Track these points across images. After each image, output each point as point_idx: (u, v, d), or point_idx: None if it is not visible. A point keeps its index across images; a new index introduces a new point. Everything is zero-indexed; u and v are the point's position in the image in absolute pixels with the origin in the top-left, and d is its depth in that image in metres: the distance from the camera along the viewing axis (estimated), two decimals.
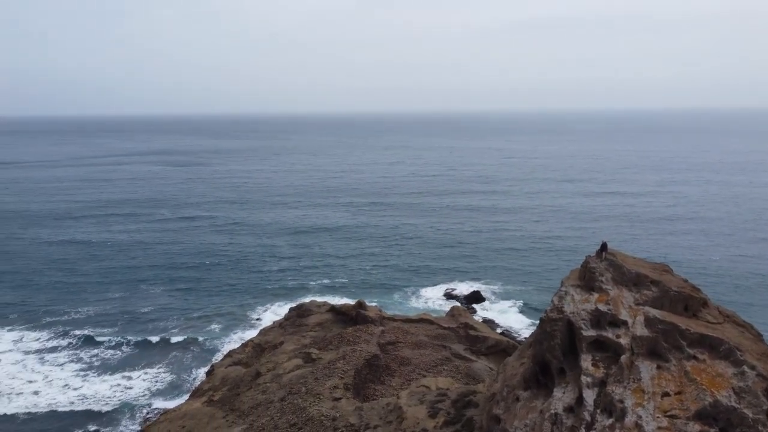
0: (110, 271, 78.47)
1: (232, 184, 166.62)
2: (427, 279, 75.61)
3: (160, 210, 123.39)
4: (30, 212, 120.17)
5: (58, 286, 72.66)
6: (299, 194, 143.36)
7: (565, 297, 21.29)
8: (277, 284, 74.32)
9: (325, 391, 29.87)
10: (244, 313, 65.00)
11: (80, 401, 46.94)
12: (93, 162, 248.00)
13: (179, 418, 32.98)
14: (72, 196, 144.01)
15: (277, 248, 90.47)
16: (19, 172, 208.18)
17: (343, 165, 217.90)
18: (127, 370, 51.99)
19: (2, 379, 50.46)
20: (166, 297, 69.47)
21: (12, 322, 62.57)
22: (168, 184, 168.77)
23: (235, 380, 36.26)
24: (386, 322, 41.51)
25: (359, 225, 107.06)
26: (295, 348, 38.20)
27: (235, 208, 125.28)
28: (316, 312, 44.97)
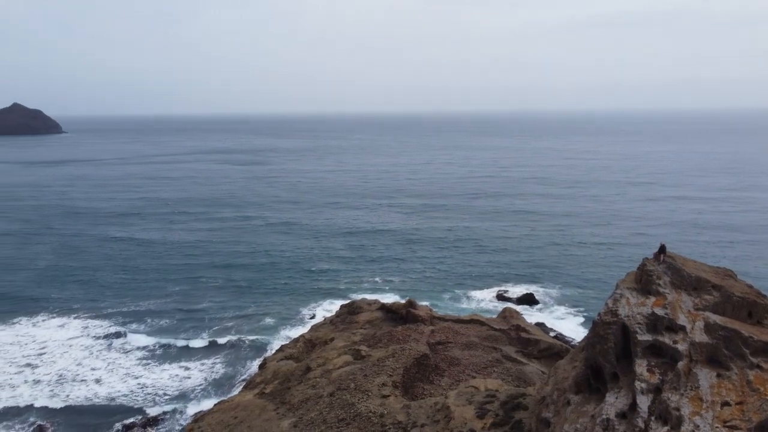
0: (170, 268, 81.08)
1: (288, 182, 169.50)
2: (479, 281, 74.83)
3: (218, 208, 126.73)
4: (98, 209, 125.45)
5: (121, 281, 75.64)
6: (352, 194, 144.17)
7: (620, 300, 20.63)
8: (329, 282, 75.15)
9: (373, 388, 29.97)
10: (296, 309, 66.08)
11: (140, 389, 48.85)
12: (157, 160, 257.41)
13: (232, 408, 33.78)
14: (137, 193, 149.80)
15: (330, 247, 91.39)
16: (90, 170, 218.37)
17: (396, 165, 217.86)
18: (184, 361, 53.75)
19: (69, 365, 53.10)
20: (222, 293, 71.28)
21: (78, 312, 65.68)
22: (227, 182, 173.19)
23: (286, 374, 36.84)
24: (436, 321, 41.31)
25: (412, 226, 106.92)
26: (345, 345, 38.49)
27: (291, 208, 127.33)
28: (366, 310, 45.18)
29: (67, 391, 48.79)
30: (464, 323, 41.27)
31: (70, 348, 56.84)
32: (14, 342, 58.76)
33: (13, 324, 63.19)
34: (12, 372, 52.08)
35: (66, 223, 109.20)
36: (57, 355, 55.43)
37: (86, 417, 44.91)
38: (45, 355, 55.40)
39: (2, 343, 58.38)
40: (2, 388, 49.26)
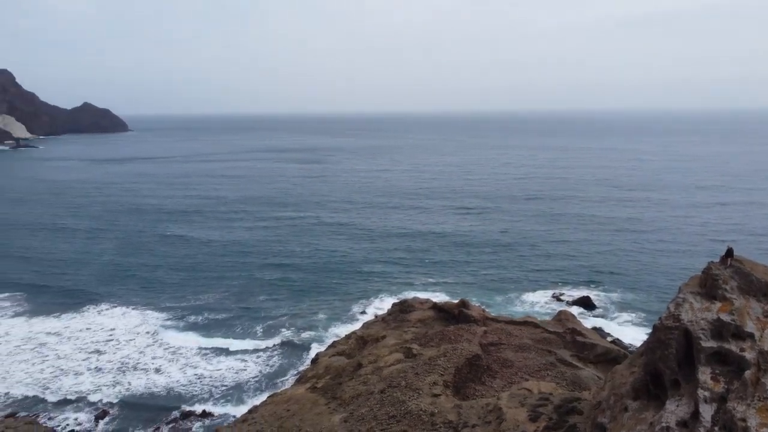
0: (227, 265, 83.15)
1: (342, 181, 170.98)
2: (534, 283, 73.53)
3: (273, 207, 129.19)
4: (160, 207, 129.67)
5: (180, 277, 78.10)
6: (406, 194, 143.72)
7: (683, 304, 19.79)
8: (381, 280, 75.43)
9: (424, 386, 29.85)
10: (348, 306, 66.66)
11: (197, 380, 50.39)
12: (216, 158, 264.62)
13: (285, 401, 34.31)
14: (196, 191, 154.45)
15: (383, 247, 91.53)
16: (153, 167, 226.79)
17: (451, 165, 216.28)
18: (240, 354, 55.08)
19: (131, 354, 55.32)
20: (277, 289, 72.61)
21: (139, 304, 68.40)
22: (282, 180, 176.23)
23: (337, 370, 37.15)
24: (489, 322, 40.79)
25: (467, 226, 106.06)
26: (396, 342, 38.50)
27: (345, 207, 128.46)
28: (418, 308, 45.06)
29: (129, 378, 50.81)
30: (518, 325, 40.59)
31: (132, 338, 59.24)
32: (83, 329, 61.74)
33: (82, 312, 66.36)
34: (80, 358, 54.69)
35: (130, 220, 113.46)
36: (121, 344, 57.88)
37: (146, 405, 46.64)
38: (110, 343, 57.96)
39: (73, 330, 61.44)
40: (67, 374, 51.78)
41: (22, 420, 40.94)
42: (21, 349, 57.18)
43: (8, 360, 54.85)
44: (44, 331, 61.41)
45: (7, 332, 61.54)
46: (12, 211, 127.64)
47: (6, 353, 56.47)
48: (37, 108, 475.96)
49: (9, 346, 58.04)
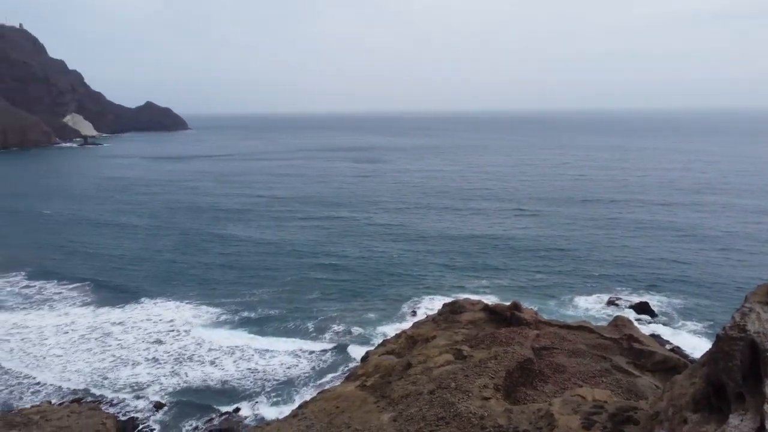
0: (280, 263, 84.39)
1: (398, 181, 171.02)
2: (588, 287, 71.71)
3: (328, 206, 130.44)
4: (216, 205, 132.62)
5: (235, 275, 79.73)
6: (460, 195, 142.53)
7: (749, 314, 18.83)
8: (432, 280, 75.16)
9: (474, 389, 29.53)
10: (398, 305, 66.73)
11: (250, 374, 51.51)
12: (274, 156, 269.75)
13: (334, 398, 34.59)
14: (253, 190, 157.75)
15: (436, 248, 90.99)
16: (212, 165, 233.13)
17: (507, 165, 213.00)
18: (291, 350, 55.95)
19: (188, 346, 57.03)
20: (328, 288, 73.35)
21: (194, 300, 70.27)
22: (338, 180, 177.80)
23: (387, 368, 37.21)
24: (542, 326, 39.99)
25: (520, 228, 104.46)
26: (446, 343, 38.25)
27: (398, 206, 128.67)
28: (469, 309, 44.61)
29: (185, 369, 52.41)
30: (572, 329, 39.63)
31: (188, 331, 61.09)
32: (143, 319, 64.13)
33: (141, 305, 68.94)
34: (139, 349, 56.83)
35: (187, 219, 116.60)
36: (177, 336, 59.78)
37: (201, 396, 47.99)
38: (167, 336, 59.96)
39: (133, 321, 63.87)
40: (126, 364, 53.83)
41: (86, 405, 42.75)
42: (85, 338, 59.88)
43: (72, 348, 57.51)
44: (107, 321, 64.14)
45: (73, 321, 64.57)
46: (80, 208, 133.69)
47: (71, 341, 59.24)
48: (103, 107, 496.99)
49: (74, 335, 60.87)
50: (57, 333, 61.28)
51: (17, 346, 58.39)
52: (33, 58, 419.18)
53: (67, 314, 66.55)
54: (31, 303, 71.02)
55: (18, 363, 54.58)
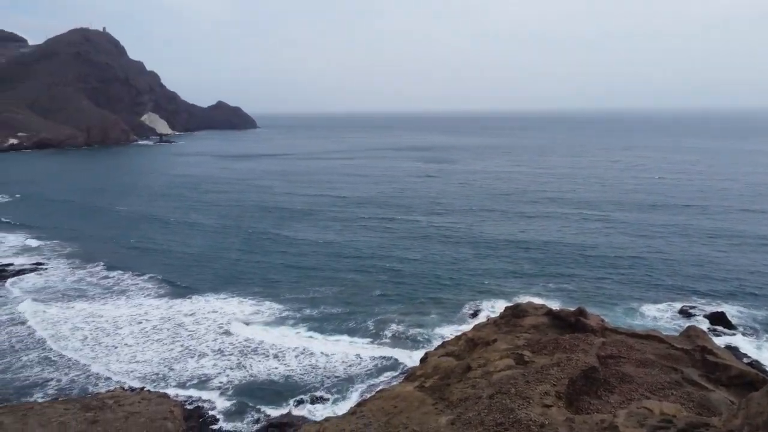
0: (342, 264, 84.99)
1: (463, 182, 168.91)
2: (660, 295, 68.78)
3: (391, 208, 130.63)
4: (283, 206, 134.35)
5: (298, 273, 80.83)
6: (524, 197, 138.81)
7: None
8: (494, 283, 74.09)
9: (535, 395, 28.86)
10: (459, 307, 66.17)
11: (312, 369, 52.36)
12: (340, 156, 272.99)
13: (393, 398, 34.63)
14: (319, 189, 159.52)
15: (497, 251, 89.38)
16: (280, 164, 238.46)
17: (575, 167, 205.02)
18: (352, 348, 56.48)
19: (252, 340, 58.53)
20: (389, 287, 73.53)
21: (259, 296, 71.98)
22: (402, 180, 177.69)
23: (446, 370, 36.94)
24: (608, 333, 38.66)
25: (586, 233, 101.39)
26: (507, 347, 37.60)
27: (464, 209, 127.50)
28: (532, 314, 43.67)
29: (249, 362, 53.87)
30: (640, 338, 38.11)
31: (252, 326, 62.71)
32: (210, 311, 66.38)
33: (208, 299, 71.41)
34: (205, 340, 58.82)
35: (253, 218, 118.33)
36: (242, 330, 61.47)
37: (263, 389, 49.16)
38: (232, 330, 61.74)
39: (200, 314, 66.22)
40: (192, 355, 55.80)
41: (155, 393, 44.58)
42: (157, 329, 62.56)
43: (143, 338, 60.19)
44: (178, 313, 66.74)
45: (146, 312, 67.60)
46: (152, 205, 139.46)
47: (143, 331, 62.04)
48: (177, 106, 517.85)
49: (147, 325, 63.72)
50: (131, 323, 64.27)
51: (91, 334, 61.60)
52: (115, 60, 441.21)
53: (141, 305, 69.67)
54: (108, 293, 74.80)
55: (92, 351, 57.56)
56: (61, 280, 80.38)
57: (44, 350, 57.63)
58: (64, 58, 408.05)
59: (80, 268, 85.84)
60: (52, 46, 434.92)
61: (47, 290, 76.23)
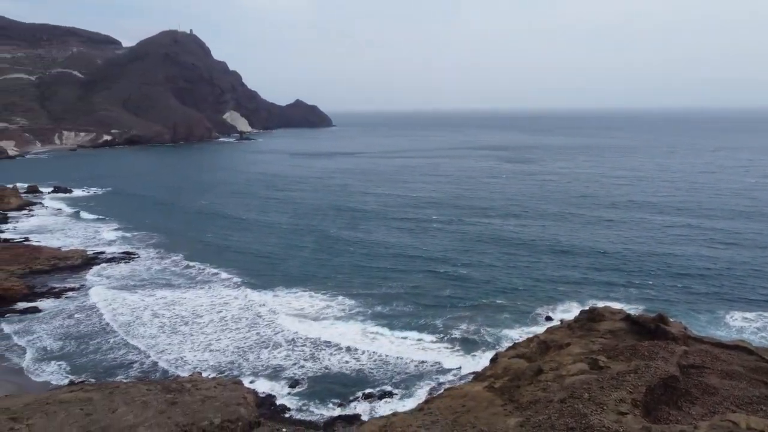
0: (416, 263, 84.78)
1: (544, 183, 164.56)
2: (750, 305, 64.62)
3: (466, 210, 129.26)
4: (356, 206, 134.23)
5: (370, 272, 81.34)
6: (609, 203, 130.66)
7: None
8: (570, 288, 71.96)
9: (609, 401, 27.83)
10: (532, 308, 64.78)
11: (383, 365, 52.85)
12: (418, 155, 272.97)
13: (461, 396, 34.37)
14: (395, 190, 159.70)
15: (577, 258, 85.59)
16: (355, 162, 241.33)
17: (661, 170, 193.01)
18: (422, 345, 56.50)
19: (324, 333, 59.62)
20: (463, 288, 72.79)
21: (333, 292, 72.94)
22: (480, 181, 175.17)
23: (516, 372, 36.27)
24: (691, 342, 36.75)
25: (665, 238, 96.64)
26: (581, 352, 36.45)
27: (541, 211, 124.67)
28: (609, 318, 42.12)
29: (321, 354, 54.99)
30: (726, 348, 35.97)
31: (325, 320, 63.89)
32: (282, 304, 68.16)
33: (282, 294, 73.40)
34: (278, 331, 60.47)
35: (327, 218, 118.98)
36: (315, 323, 62.78)
37: (333, 381, 50.00)
38: (305, 322, 63.15)
39: (276, 307, 68.13)
40: (267, 346, 57.45)
41: (230, 379, 46.20)
42: (235, 319, 64.93)
43: (220, 328, 62.55)
44: (254, 304, 68.98)
45: (224, 302, 70.26)
46: (233, 201, 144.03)
47: (220, 321, 64.50)
48: (257, 105, 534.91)
49: (223, 315, 66.21)
50: (209, 312, 67.03)
51: (170, 321, 64.66)
52: (200, 60, 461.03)
53: (218, 296, 72.50)
54: (187, 283, 78.33)
55: (171, 337, 60.42)
56: (146, 270, 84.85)
57: (128, 334, 61.04)
58: (154, 59, 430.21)
59: (163, 259, 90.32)
60: (143, 47, 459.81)
61: (133, 278, 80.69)
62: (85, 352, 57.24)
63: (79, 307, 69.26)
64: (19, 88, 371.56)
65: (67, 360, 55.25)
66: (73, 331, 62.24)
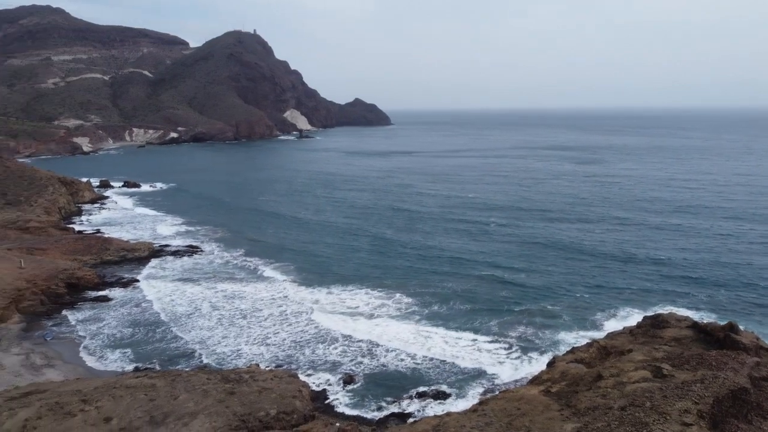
0: (473, 264, 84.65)
1: (608, 184, 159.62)
2: None
3: (527, 212, 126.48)
4: (411, 208, 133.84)
5: (427, 272, 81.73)
6: (680, 208, 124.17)
7: None
8: (633, 293, 69.52)
9: (673, 412, 26.77)
10: (592, 313, 62.97)
11: (440, 363, 52.72)
12: (480, 154, 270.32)
13: (516, 399, 33.83)
14: (455, 191, 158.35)
15: (641, 263, 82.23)
16: (411, 162, 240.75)
17: (738, 173, 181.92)
18: (478, 346, 55.89)
19: (380, 331, 59.85)
20: (519, 290, 71.53)
21: (389, 291, 73.32)
22: (546, 183, 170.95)
23: (574, 377, 35.40)
24: (764, 353, 34.93)
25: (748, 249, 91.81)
26: (644, 359, 35.21)
27: (606, 208, 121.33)
28: (674, 325, 40.53)
29: (376, 351, 55.30)
30: None
31: (381, 317, 64.16)
32: (336, 302, 68.91)
33: (339, 290, 74.27)
34: (335, 327, 61.15)
35: (384, 219, 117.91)
36: (371, 320, 63.16)
37: (388, 378, 50.15)
38: (361, 319, 63.59)
39: (334, 304, 68.95)
40: (323, 341, 58.16)
41: (286, 372, 47.08)
42: (294, 313, 66.14)
43: (279, 321, 63.80)
44: (309, 301, 70.00)
45: (282, 297, 71.64)
46: (291, 200, 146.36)
47: (280, 314, 65.81)
48: (317, 103, 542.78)
49: (281, 309, 67.52)
50: (269, 306, 68.57)
51: (229, 313, 66.50)
52: (263, 59, 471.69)
53: (276, 291, 74.08)
54: (247, 277, 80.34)
55: (230, 329, 62.03)
56: (208, 263, 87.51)
57: (188, 325, 63.16)
58: (219, 59, 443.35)
59: (225, 253, 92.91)
60: (209, 47, 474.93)
61: (196, 271, 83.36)
62: (150, 340, 59.61)
63: (144, 297, 72.18)
64: (94, 87, 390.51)
65: (132, 347, 57.67)
66: (139, 319, 64.93)
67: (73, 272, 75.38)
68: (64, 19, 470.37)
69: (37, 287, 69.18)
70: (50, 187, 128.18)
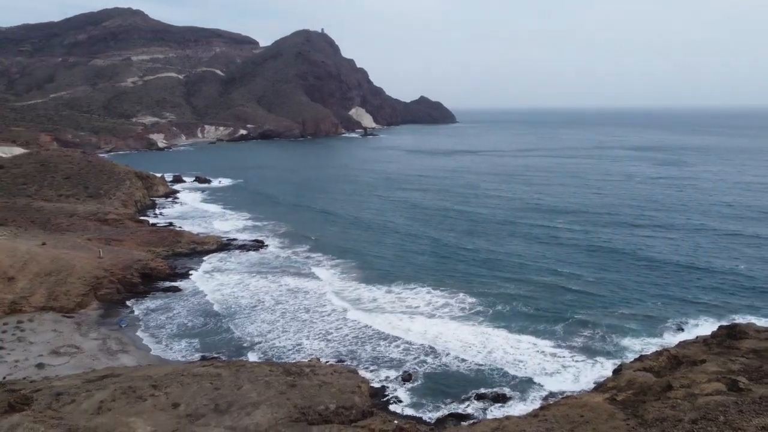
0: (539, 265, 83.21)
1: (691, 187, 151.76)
2: None
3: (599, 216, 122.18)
4: (472, 212, 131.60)
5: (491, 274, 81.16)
6: (750, 213, 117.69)
7: None
8: (709, 301, 66.14)
9: (750, 428, 25.34)
10: (662, 321, 60.35)
11: (497, 366, 51.87)
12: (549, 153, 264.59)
13: (579, 406, 32.95)
14: (520, 193, 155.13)
15: (716, 274, 77.44)
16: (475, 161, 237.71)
17: None
18: (541, 349, 54.74)
19: (441, 331, 59.56)
20: (585, 295, 69.30)
21: (447, 291, 73.34)
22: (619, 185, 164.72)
23: (642, 386, 34.11)
24: None
25: None
26: (718, 371, 33.52)
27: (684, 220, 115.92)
28: (753, 337, 38.36)
29: (436, 350, 55.05)
30: None
31: (441, 318, 63.93)
32: (394, 300, 69.05)
33: (399, 293, 74.33)
34: (399, 327, 61.22)
35: (447, 223, 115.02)
36: (431, 322, 62.92)
37: (447, 378, 49.85)
38: (420, 319, 63.61)
39: (395, 303, 69.17)
40: (385, 338, 58.38)
41: (346, 368, 47.60)
42: (352, 310, 66.75)
43: (341, 317, 64.55)
44: (371, 298, 70.55)
45: (344, 294, 72.41)
46: (354, 198, 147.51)
47: (341, 310, 66.60)
48: (382, 101, 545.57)
49: (343, 305, 68.29)
50: (331, 302, 69.54)
51: (292, 307, 67.85)
52: (329, 58, 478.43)
53: (339, 288, 74.86)
54: (312, 273, 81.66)
55: (292, 323, 63.27)
56: (274, 258, 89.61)
57: (252, 317, 64.86)
58: (287, 58, 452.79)
59: (289, 249, 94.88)
60: (277, 46, 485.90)
61: (262, 264, 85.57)
62: (215, 330, 61.65)
63: (211, 288, 74.66)
64: (169, 85, 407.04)
65: (200, 337, 59.79)
66: (206, 309, 67.28)
67: (147, 263, 78.81)
68: (143, 20, 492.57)
69: (114, 276, 72.78)
70: (127, 181, 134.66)
